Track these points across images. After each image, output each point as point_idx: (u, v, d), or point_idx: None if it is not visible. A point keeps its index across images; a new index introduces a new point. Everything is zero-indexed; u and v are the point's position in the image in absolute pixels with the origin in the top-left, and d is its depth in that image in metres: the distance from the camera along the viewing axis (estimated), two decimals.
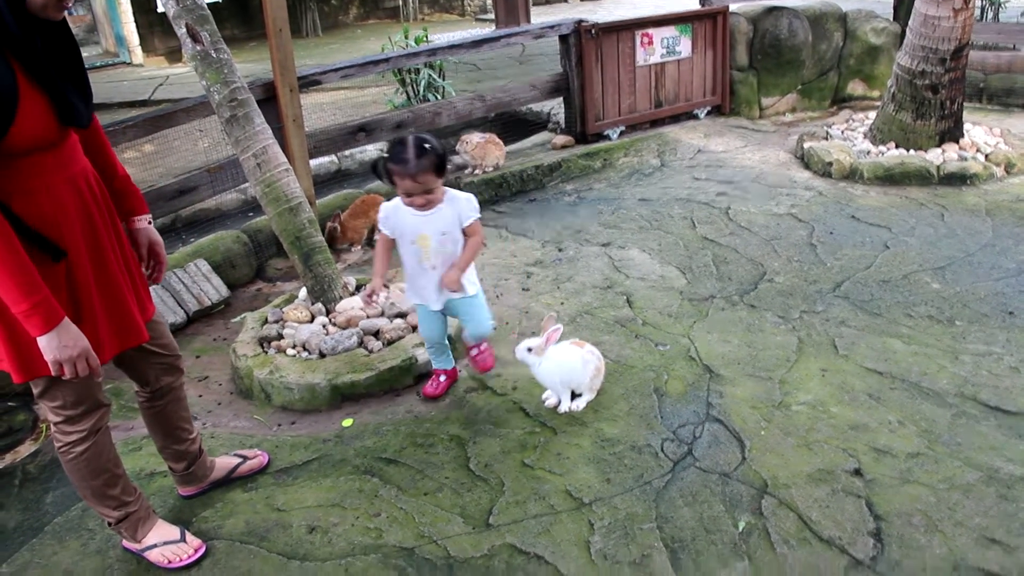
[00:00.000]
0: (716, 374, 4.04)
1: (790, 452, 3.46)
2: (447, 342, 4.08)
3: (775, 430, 3.60)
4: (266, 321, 4.67)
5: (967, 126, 7.21)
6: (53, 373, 2.50)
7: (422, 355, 4.19)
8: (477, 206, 3.73)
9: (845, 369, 4.04)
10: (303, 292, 4.85)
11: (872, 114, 7.67)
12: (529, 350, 3.75)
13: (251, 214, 6.54)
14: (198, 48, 4.51)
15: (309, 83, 6.12)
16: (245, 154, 4.64)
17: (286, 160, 4.80)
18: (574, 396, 3.83)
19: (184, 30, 4.50)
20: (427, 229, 3.63)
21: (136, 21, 15.70)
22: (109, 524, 3.02)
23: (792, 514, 3.13)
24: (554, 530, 3.10)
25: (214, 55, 4.54)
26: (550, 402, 3.86)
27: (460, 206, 3.66)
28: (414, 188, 3.46)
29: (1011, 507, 3.14)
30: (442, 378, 4.10)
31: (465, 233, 3.70)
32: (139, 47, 15.83)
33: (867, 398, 3.81)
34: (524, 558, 2.97)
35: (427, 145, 3.41)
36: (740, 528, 3.08)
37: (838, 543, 3.00)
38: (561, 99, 7.68)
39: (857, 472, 3.34)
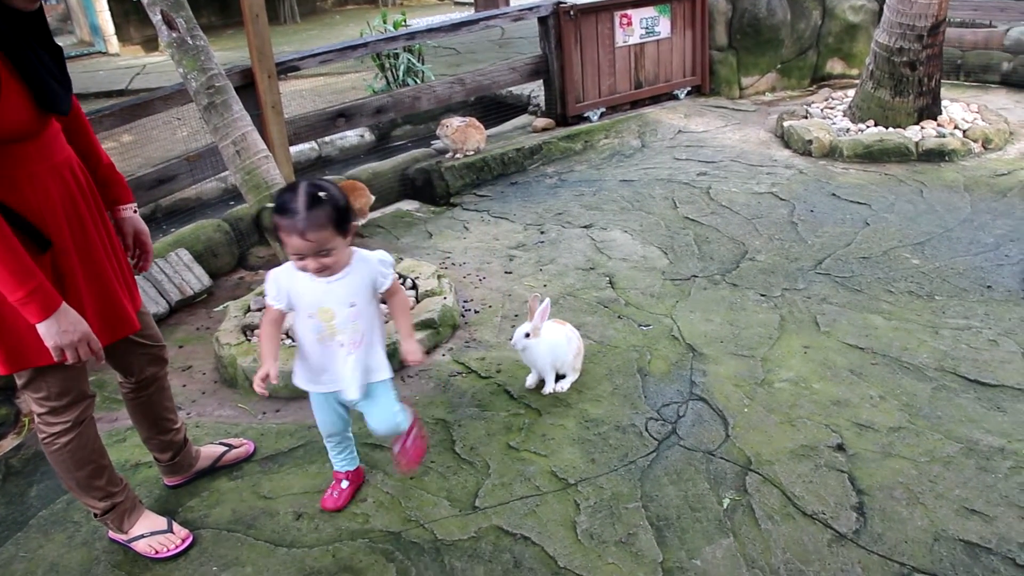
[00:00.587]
0: (699, 353, 4.06)
1: (773, 429, 3.49)
2: (351, 435, 3.30)
3: (758, 407, 3.63)
4: (249, 309, 4.65)
5: (945, 103, 7.25)
6: (55, 359, 2.49)
7: None
8: (392, 261, 3.00)
9: (827, 345, 4.07)
10: None
11: (851, 92, 7.70)
12: (527, 335, 3.69)
13: (232, 202, 6.51)
14: (174, 35, 4.48)
15: (287, 69, 6.09)
16: (224, 141, 4.62)
17: (266, 147, 4.79)
18: (558, 378, 3.84)
19: (159, 17, 4.46)
20: (330, 301, 2.84)
21: (111, 10, 15.52)
22: (95, 515, 3.01)
23: (776, 490, 3.16)
24: (540, 511, 3.11)
25: (190, 42, 4.51)
26: (530, 381, 3.87)
27: (372, 269, 2.90)
28: (305, 248, 2.65)
29: (990, 478, 3.18)
30: (344, 484, 3.27)
31: (384, 297, 3.01)
32: (114, 36, 15.66)
33: (849, 374, 3.84)
34: (511, 539, 2.99)
35: (322, 194, 2.64)
36: (725, 505, 3.10)
37: (821, 518, 3.03)
38: (541, 81, 7.66)
39: (840, 447, 3.37)
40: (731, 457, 3.34)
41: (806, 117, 7.31)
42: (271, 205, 2.73)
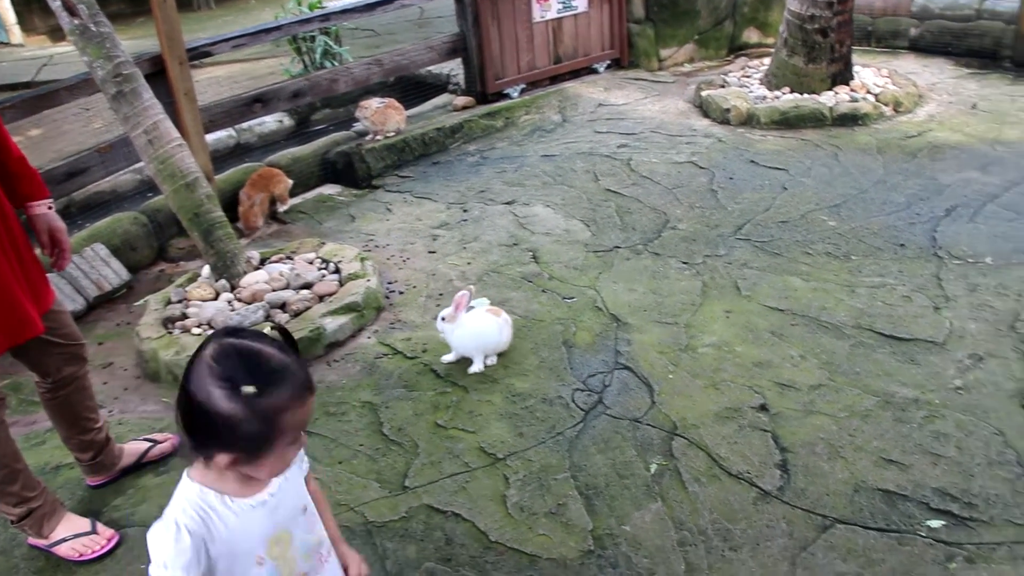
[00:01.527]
0: (623, 322, 4.10)
1: (698, 393, 3.55)
2: None
3: (683, 373, 3.68)
4: (169, 302, 4.56)
5: (857, 68, 7.39)
6: None
7: (329, 324, 4.15)
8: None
9: (748, 309, 4.14)
10: (206, 269, 4.75)
11: (767, 60, 7.80)
12: (443, 319, 3.76)
13: (150, 194, 6.35)
14: (76, 22, 4.33)
15: (199, 55, 5.94)
16: (135, 131, 4.49)
17: (179, 135, 4.67)
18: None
19: (59, 3, 4.31)
20: (282, 517, 1.81)
21: None
22: (12, 522, 2.93)
23: (702, 453, 3.22)
24: (470, 487, 3.12)
25: (94, 28, 4.36)
26: (447, 358, 3.87)
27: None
28: (306, 419, 1.72)
29: (905, 428, 3.28)
30: None
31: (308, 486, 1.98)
32: (17, 26, 15.08)
33: (770, 335, 3.92)
34: (442, 517, 2.99)
35: (277, 335, 1.76)
36: (652, 470, 3.15)
37: (746, 477, 3.09)
38: (460, 60, 7.62)
39: (763, 407, 3.44)
40: (657, 423, 3.38)
41: (723, 86, 7.39)
42: (250, 390, 1.57)
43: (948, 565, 2.71)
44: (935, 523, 2.88)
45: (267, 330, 1.69)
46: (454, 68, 8.11)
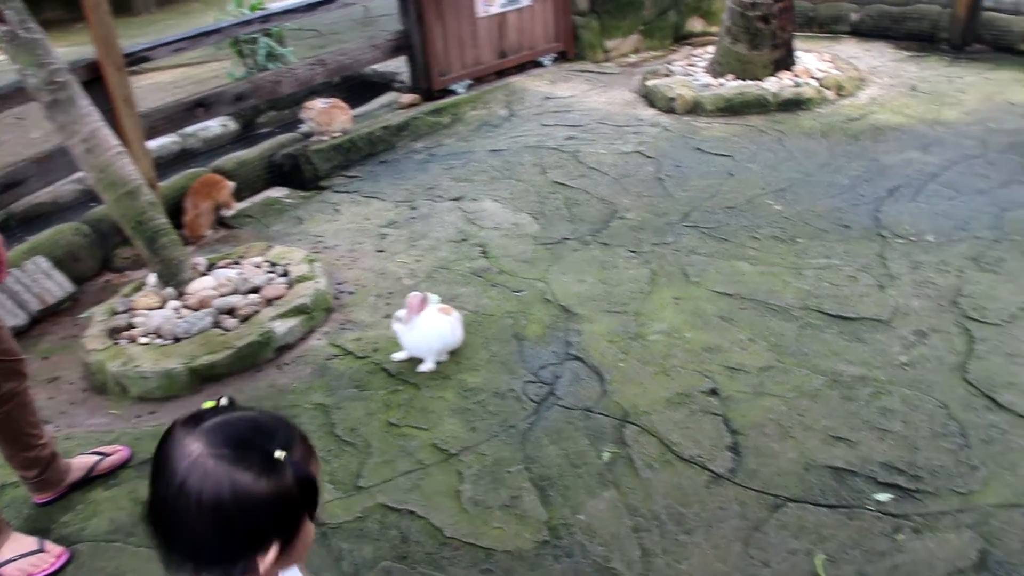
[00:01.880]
0: (573, 313, 4.10)
1: (648, 380, 3.56)
2: None
3: (633, 361, 3.70)
4: (114, 312, 4.49)
5: (799, 54, 7.47)
6: None
7: (279, 328, 4.11)
8: None
9: (697, 295, 4.17)
10: (152, 278, 4.67)
11: (711, 49, 7.85)
12: (398, 320, 3.76)
13: (92, 204, 6.24)
14: (4, 29, 4.23)
15: (137, 60, 5.84)
16: (72, 139, 4.40)
17: (119, 142, 4.59)
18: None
19: None
20: None
21: None
22: None
23: (654, 439, 3.23)
24: (424, 484, 3.11)
25: (24, 35, 4.27)
26: (398, 356, 3.85)
27: None
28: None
29: (853, 406, 3.33)
30: None
31: None
32: None
33: (719, 320, 3.95)
34: (397, 515, 2.98)
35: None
36: (605, 459, 3.16)
37: (698, 461, 3.12)
38: (405, 57, 7.58)
39: (713, 392, 3.47)
40: (609, 411, 3.40)
41: (668, 76, 7.43)
42: (282, 453, 1.34)
43: (896, 536, 2.76)
44: (883, 496, 2.92)
45: (223, 401, 1.45)
46: (400, 66, 8.06)
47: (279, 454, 1.34)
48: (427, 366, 3.77)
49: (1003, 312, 3.89)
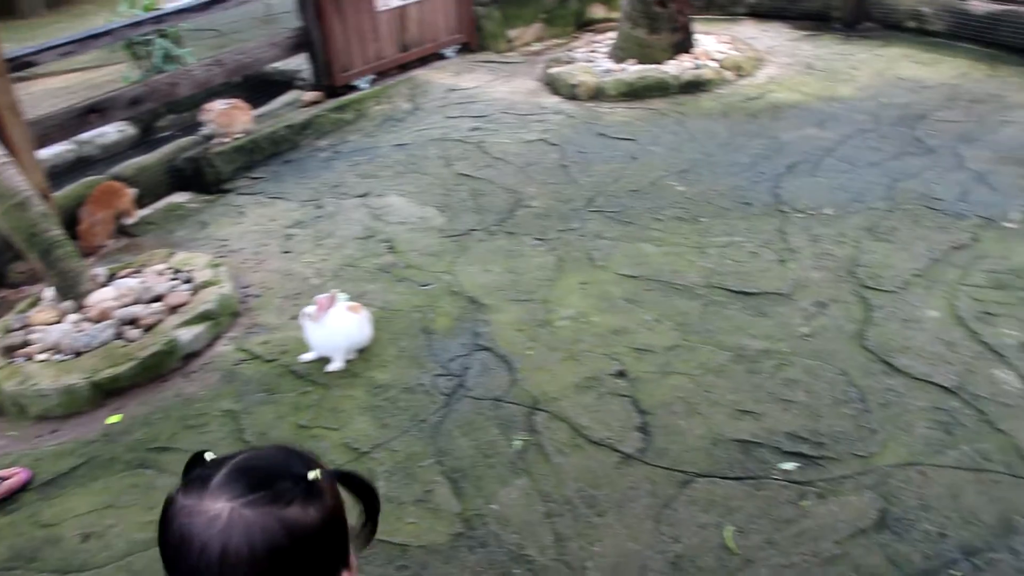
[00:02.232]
0: (481, 304, 4.09)
1: (557, 366, 3.58)
2: None
3: (541, 348, 3.71)
4: (9, 330, 4.33)
5: (699, 36, 7.57)
6: None
7: (184, 336, 4.01)
8: None
9: (603, 279, 4.20)
10: (49, 292, 4.51)
11: (613, 35, 7.91)
12: (307, 316, 3.70)
13: None
14: None
15: (22, 65, 5.62)
16: None
17: (5, 152, 4.43)
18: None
19: None
20: None
21: None
22: None
23: (564, 424, 3.25)
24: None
25: None
26: (305, 357, 3.80)
27: None
28: None
29: (757, 379, 3.40)
30: None
31: None
32: None
33: (625, 303, 3.98)
34: None
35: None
36: (516, 447, 3.16)
37: (608, 443, 3.14)
38: (307, 55, 7.46)
39: (620, 374, 3.50)
40: (519, 400, 3.40)
41: (571, 63, 7.46)
42: (316, 472, 1.18)
43: (801, 503, 2.83)
44: (788, 465, 2.99)
45: (208, 456, 1.29)
46: (302, 63, 7.94)
47: (314, 474, 1.20)
48: (336, 365, 3.72)
49: (897, 279, 4.01)
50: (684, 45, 7.30)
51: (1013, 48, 7.31)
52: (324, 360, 3.76)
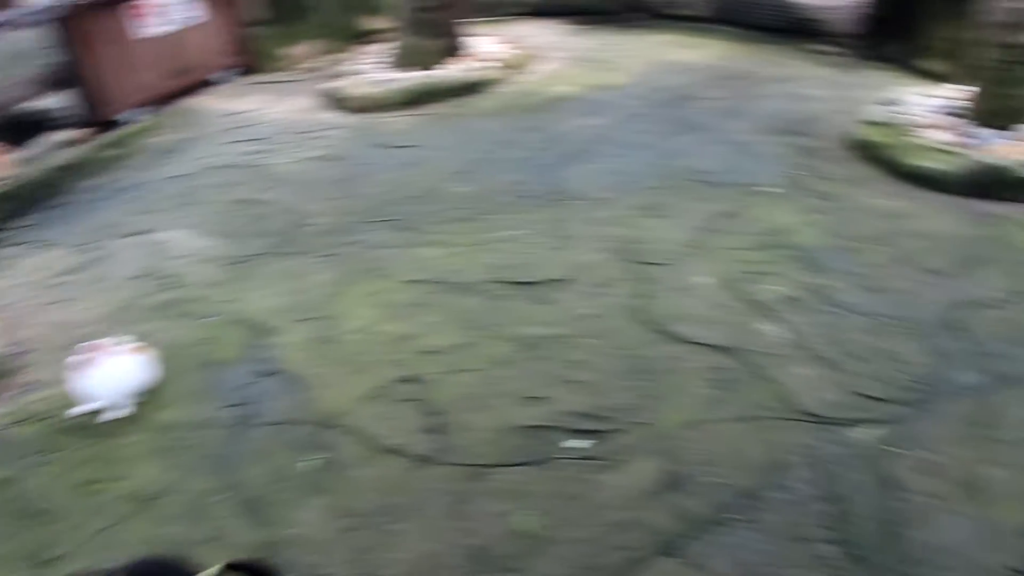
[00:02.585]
0: (267, 328, 3.99)
1: (346, 380, 3.55)
2: None
3: (330, 364, 3.67)
4: None
5: (476, 38, 7.70)
6: None
7: None
8: None
9: (388, 288, 4.20)
10: None
11: (390, 45, 7.92)
12: (76, 367, 3.48)
13: None
14: None
15: None
16: None
17: None
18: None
19: None
20: None
21: None
22: None
23: (357, 437, 3.24)
24: (122, 537, 2.93)
25: None
26: (78, 410, 3.59)
27: None
28: None
29: (544, 365, 3.50)
30: None
31: None
32: None
33: (411, 308, 4.00)
34: None
35: None
36: (310, 467, 3.12)
37: (402, 449, 3.16)
38: (71, 90, 7.06)
39: (410, 379, 3.50)
40: (311, 419, 3.36)
41: (349, 76, 7.42)
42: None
43: (593, 478, 2.93)
44: (577, 443, 3.09)
45: None
46: (66, 100, 7.52)
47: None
48: (114, 412, 3.54)
49: (670, 253, 4.23)
50: (459, 48, 7.40)
51: (768, 28, 7.88)
52: (104, 409, 3.57)
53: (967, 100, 5.31)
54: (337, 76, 7.44)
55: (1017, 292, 3.83)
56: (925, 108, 5.55)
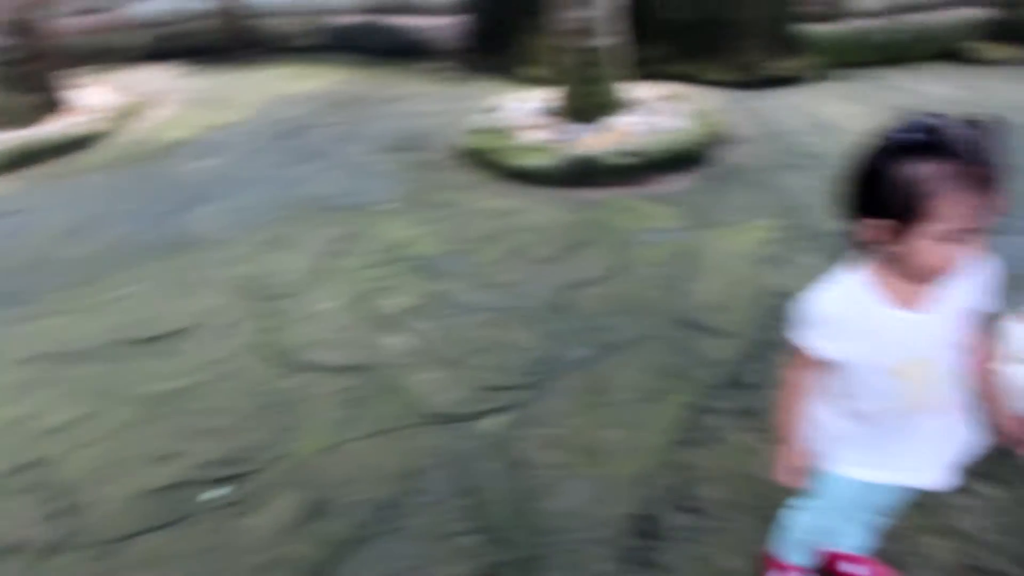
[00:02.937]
0: None
1: None
2: None
3: None
4: None
5: (78, 91, 7.26)
6: None
7: None
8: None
9: None
10: None
11: None
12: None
13: None
14: None
15: None
16: None
17: None
18: None
19: None
20: (925, 344, 1.77)
21: None
22: None
23: None
24: None
25: None
26: None
27: (984, 275, 1.75)
28: (982, 215, 1.53)
29: (170, 421, 3.40)
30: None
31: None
32: None
33: (25, 388, 3.68)
34: None
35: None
36: None
37: (24, 544, 2.90)
38: None
39: (29, 465, 3.25)
40: None
41: None
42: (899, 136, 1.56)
43: (235, 523, 2.88)
44: (216, 492, 3.02)
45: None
46: None
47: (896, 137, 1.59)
48: None
49: (296, 283, 4.26)
50: (58, 103, 6.97)
51: (383, 52, 8.17)
52: None
53: (558, 100, 5.83)
54: None
55: (614, 267, 4.26)
56: (524, 111, 6.04)
